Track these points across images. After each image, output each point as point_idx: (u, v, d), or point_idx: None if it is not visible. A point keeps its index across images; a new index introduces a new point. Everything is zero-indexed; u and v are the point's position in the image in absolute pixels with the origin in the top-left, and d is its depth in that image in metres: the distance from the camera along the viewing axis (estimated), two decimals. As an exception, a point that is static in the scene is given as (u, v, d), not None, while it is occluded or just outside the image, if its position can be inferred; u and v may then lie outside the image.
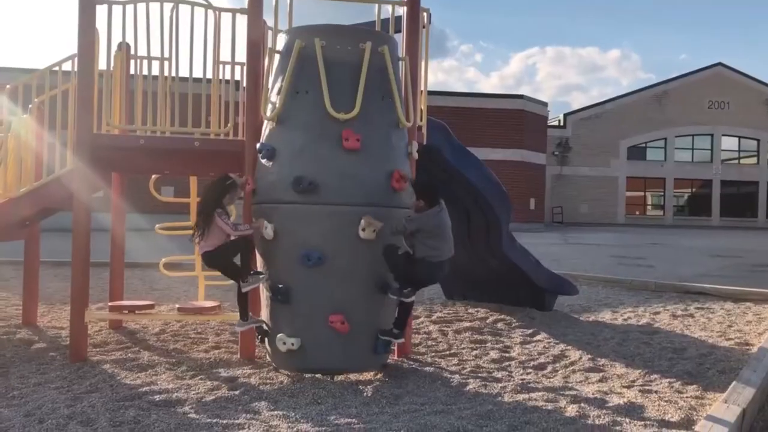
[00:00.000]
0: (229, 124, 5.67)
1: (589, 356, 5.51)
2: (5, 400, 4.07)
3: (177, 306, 5.84)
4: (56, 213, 6.56)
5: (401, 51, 5.42)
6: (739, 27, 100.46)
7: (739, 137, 44.36)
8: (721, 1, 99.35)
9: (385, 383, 4.55)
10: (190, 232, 6.68)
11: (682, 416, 3.91)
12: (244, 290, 4.72)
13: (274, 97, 4.87)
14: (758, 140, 44.18)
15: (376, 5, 5.67)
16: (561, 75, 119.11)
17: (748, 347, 5.89)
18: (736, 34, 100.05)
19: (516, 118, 32.95)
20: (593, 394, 4.38)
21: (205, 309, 5.77)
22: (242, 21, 5.30)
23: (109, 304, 6.14)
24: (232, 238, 4.71)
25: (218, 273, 7.60)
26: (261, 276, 4.72)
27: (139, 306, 5.93)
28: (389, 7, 5.72)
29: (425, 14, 5.67)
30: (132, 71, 6.28)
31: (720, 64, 44.39)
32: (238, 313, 4.85)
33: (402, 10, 5.59)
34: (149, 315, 6.04)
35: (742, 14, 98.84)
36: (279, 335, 4.66)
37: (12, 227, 5.98)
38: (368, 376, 4.78)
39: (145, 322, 6.57)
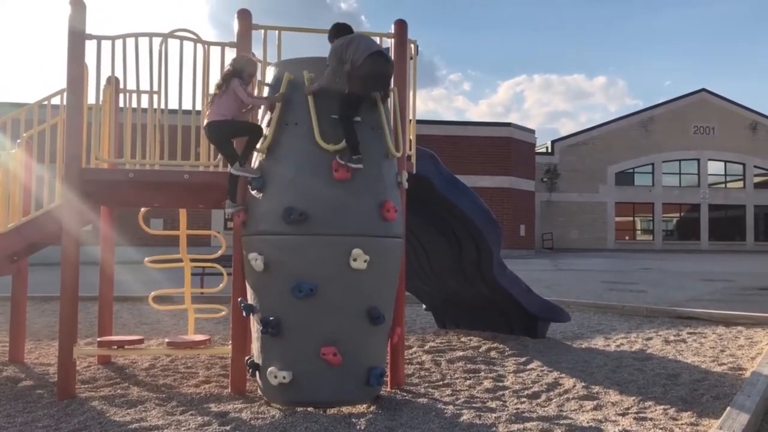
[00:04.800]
0: (218, 156, 5.66)
1: (583, 384, 5.48)
2: (-9, 440, 3.99)
3: (166, 340, 5.76)
4: (44, 247, 6.51)
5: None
6: (720, 53, 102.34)
7: (725, 162, 44.88)
8: (703, 28, 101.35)
9: (379, 416, 4.49)
10: (181, 264, 6.69)
11: (678, 444, 3.88)
12: (234, 172, 4.81)
13: (263, 128, 4.89)
14: (743, 164, 44.71)
15: (364, 37, 5.72)
16: (549, 102, 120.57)
17: (741, 372, 5.88)
18: (718, 60, 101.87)
19: (503, 146, 33.26)
20: (588, 422, 4.35)
21: (195, 343, 5.70)
22: (231, 54, 5.33)
23: (98, 339, 6.06)
24: (244, 111, 4.91)
25: (208, 306, 7.61)
26: (255, 171, 4.75)
27: (128, 341, 5.85)
28: (377, 39, 5.78)
29: (413, 46, 5.73)
30: (121, 105, 6.28)
31: (704, 90, 45.08)
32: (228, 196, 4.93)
33: (390, 42, 5.65)
34: (138, 350, 5.96)
35: (723, 41, 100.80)
36: (270, 369, 4.61)
37: (0, 263, 5.93)
38: (361, 408, 4.72)
39: (135, 357, 6.49)
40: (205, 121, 4.91)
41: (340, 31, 4.87)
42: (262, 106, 5.02)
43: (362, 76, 4.60)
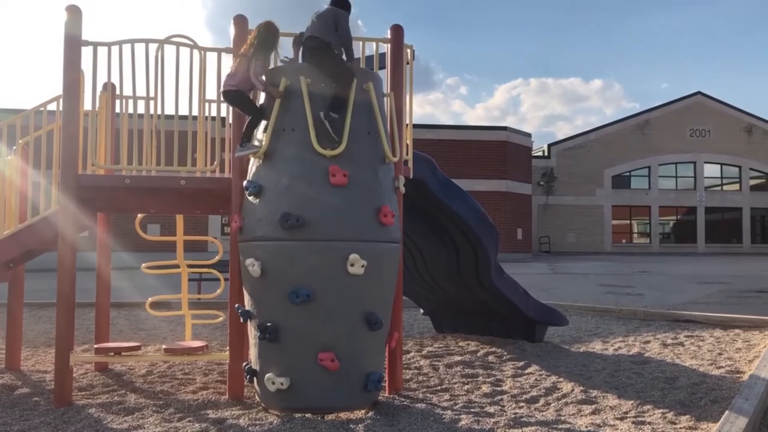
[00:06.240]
0: (215, 162, 5.67)
1: (581, 388, 5.47)
2: (-13, 449, 3.97)
3: (164, 346, 5.75)
4: (41, 254, 6.48)
5: (386, 87, 5.48)
6: (716, 56, 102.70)
7: (721, 164, 44.97)
8: (699, 31, 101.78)
9: (377, 421, 4.48)
10: (178, 270, 6.69)
11: (677, 448, 3.88)
12: (238, 155, 4.98)
13: (260, 134, 4.89)
14: (739, 167, 44.80)
15: (361, 43, 5.74)
16: (545, 105, 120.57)
17: (739, 375, 5.89)
18: (714, 62, 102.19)
19: (500, 150, 33.26)
20: (586, 426, 4.34)
21: (193, 349, 5.68)
22: (227, 60, 5.33)
23: (95, 346, 6.04)
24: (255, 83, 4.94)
25: (206, 312, 7.60)
26: (255, 146, 4.83)
27: (125, 347, 5.83)
28: (373, 45, 5.79)
29: (409, 51, 5.74)
30: (117, 110, 6.27)
31: (699, 93, 45.20)
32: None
33: (386, 47, 5.65)
34: (135, 356, 5.94)
35: (719, 44, 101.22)
36: (268, 375, 4.60)
37: (-4, 269, 5.90)
38: (359, 414, 4.71)
39: (132, 364, 6.47)
40: (223, 90, 5.00)
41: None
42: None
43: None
